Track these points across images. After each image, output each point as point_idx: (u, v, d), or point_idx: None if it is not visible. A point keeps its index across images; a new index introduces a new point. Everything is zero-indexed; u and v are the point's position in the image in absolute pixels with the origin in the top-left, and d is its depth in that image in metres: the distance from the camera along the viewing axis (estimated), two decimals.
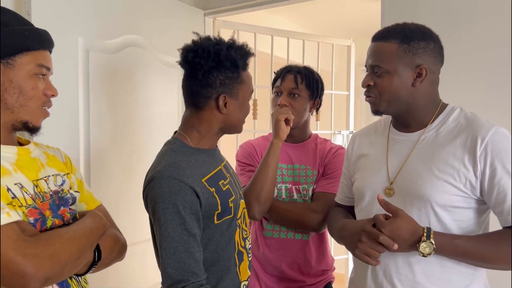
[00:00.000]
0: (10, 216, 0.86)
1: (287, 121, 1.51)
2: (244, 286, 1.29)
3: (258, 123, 2.90)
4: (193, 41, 1.21)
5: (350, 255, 3.19)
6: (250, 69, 2.85)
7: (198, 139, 1.23)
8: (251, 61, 2.55)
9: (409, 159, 1.17)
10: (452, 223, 1.12)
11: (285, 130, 1.51)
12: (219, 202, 1.17)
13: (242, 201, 1.32)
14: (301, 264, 1.63)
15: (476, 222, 1.14)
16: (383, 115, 1.26)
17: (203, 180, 1.16)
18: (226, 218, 1.20)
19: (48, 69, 1.02)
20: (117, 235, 1.14)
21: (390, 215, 1.09)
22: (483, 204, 1.13)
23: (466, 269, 1.14)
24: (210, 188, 1.16)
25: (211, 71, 1.18)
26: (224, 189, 1.21)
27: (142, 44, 1.93)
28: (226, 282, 1.20)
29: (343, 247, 1.28)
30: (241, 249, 1.27)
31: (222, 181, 1.23)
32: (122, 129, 1.85)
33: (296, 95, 1.59)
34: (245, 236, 1.29)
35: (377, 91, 1.18)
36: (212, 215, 1.16)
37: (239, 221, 1.26)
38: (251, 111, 2.77)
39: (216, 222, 1.18)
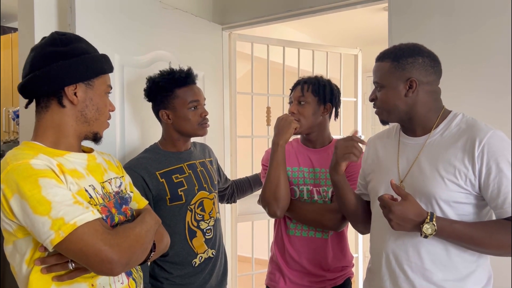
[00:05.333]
0: (94, 213, 1.01)
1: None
2: (201, 257, 1.70)
3: (272, 130, 3.07)
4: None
5: (360, 254, 3.35)
6: (263, 78, 3.06)
7: (165, 144, 1.73)
8: (264, 70, 2.77)
9: (417, 160, 1.32)
10: (455, 217, 1.24)
11: (291, 137, 1.72)
12: (167, 189, 1.62)
13: (202, 192, 1.71)
14: (321, 260, 1.75)
15: (477, 217, 1.26)
16: (390, 123, 1.43)
17: (156, 173, 1.63)
18: (177, 203, 1.64)
19: (111, 88, 1.22)
20: (164, 230, 1.31)
21: (398, 198, 1.24)
22: (482, 200, 1.25)
23: (471, 257, 1.26)
24: (160, 179, 1.63)
25: (152, 94, 1.70)
26: (176, 181, 1.65)
27: (168, 59, 2.10)
28: (177, 248, 1.64)
29: (354, 246, 1.43)
30: (193, 227, 1.69)
31: (177, 175, 1.66)
32: (151, 134, 2.02)
33: (302, 102, 1.75)
34: (198, 219, 1.70)
35: (379, 104, 1.37)
36: (163, 198, 1.62)
37: (192, 206, 1.68)
38: (265, 118, 2.99)
39: (168, 204, 1.64)
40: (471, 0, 1.87)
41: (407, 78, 1.30)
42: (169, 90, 1.67)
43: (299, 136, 1.88)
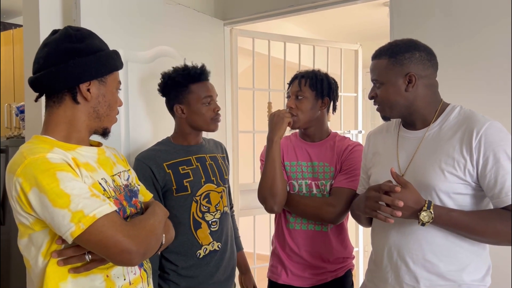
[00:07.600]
0: (111, 206, 1.03)
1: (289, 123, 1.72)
2: (205, 249, 1.72)
3: None
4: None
5: (361, 248, 3.38)
6: (264, 74, 3.07)
7: (176, 138, 1.78)
8: (265, 66, 2.77)
9: (417, 154, 1.34)
10: (455, 208, 1.26)
11: (284, 132, 1.73)
12: (173, 180, 1.67)
13: (209, 184, 1.74)
14: (322, 252, 1.76)
15: (477, 208, 1.28)
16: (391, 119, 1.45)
17: (164, 164, 1.68)
18: (183, 193, 1.69)
19: (121, 84, 1.24)
20: (170, 222, 1.33)
21: (397, 185, 1.25)
22: (481, 191, 1.27)
23: (470, 247, 1.28)
24: (167, 170, 1.67)
25: (167, 89, 1.74)
26: (182, 172, 1.69)
27: (171, 54, 2.13)
28: (182, 239, 1.68)
29: (354, 240, 1.43)
30: (197, 219, 1.72)
31: (184, 166, 1.71)
32: (156, 128, 2.06)
33: (300, 97, 1.76)
34: (204, 210, 1.73)
35: (380, 100, 1.38)
36: (170, 188, 1.67)
37: (197, 197, 1.71)
38: (265, 113, 3.00)
39: (175, 194, 1.68)
40: None
41: (405, 73, 1.32)
42: (184, 85, 1.71)
43: (297, 130, 1.89)
